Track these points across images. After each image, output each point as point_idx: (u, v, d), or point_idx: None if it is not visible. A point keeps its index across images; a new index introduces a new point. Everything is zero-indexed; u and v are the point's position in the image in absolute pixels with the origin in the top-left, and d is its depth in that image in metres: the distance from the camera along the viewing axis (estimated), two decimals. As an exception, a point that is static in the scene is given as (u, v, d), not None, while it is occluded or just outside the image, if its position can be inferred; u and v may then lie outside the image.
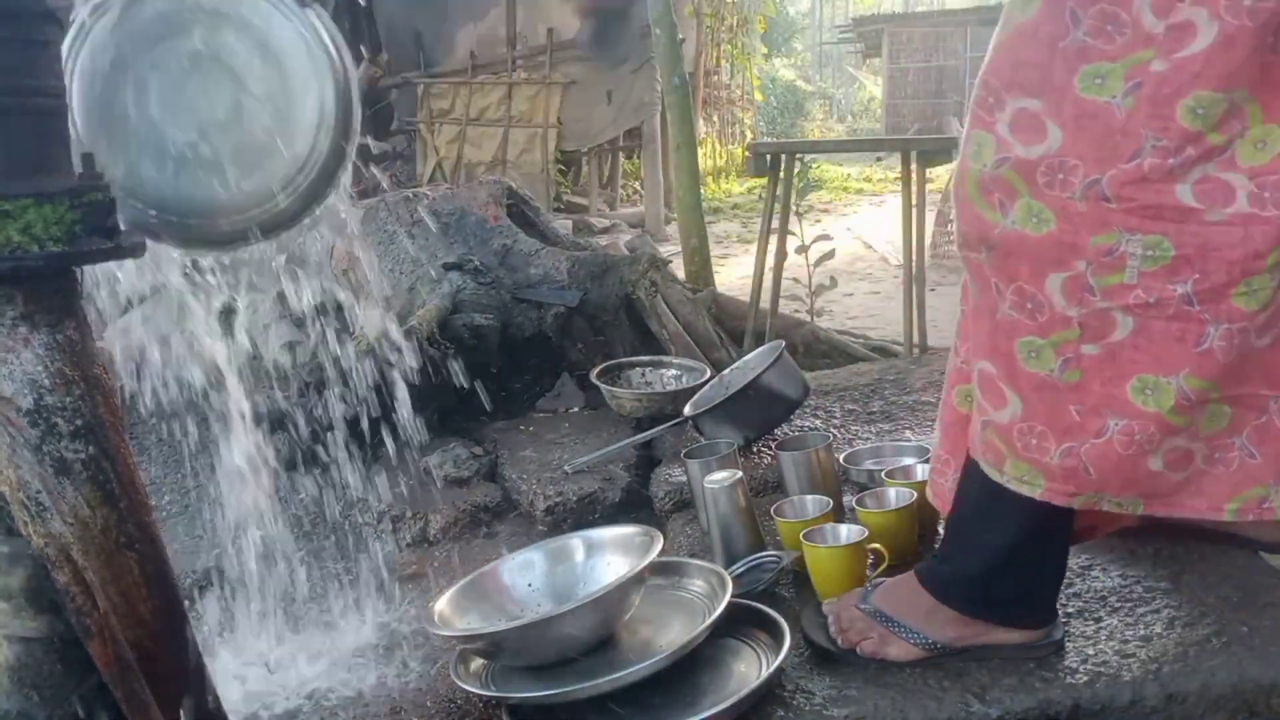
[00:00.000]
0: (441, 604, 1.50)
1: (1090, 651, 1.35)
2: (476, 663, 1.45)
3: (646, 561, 1.43)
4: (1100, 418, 1.20)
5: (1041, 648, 1.36)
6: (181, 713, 1.15)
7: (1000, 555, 1.32)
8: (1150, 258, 1.14)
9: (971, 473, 1.33)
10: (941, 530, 1.75)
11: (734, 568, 1.62)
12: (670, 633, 1.44)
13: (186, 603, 1.34)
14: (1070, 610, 1.46)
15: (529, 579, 1.60)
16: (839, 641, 1.38)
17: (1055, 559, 1.37)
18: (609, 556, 1.59)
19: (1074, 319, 1.19)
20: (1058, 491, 1.24)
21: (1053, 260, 1.17)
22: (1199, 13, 1.07)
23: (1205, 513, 1.26)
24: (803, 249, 3.85)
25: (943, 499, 1.47)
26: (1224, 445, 1.23)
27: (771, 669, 1.31)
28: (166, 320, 4.29)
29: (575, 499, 2.16)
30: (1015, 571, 1.33)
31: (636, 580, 1.42)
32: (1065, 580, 1.52)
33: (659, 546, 1.47)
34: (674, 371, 2.75)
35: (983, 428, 1.28)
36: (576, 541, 1.64)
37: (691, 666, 1.40)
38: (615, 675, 1.31)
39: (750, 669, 1.36)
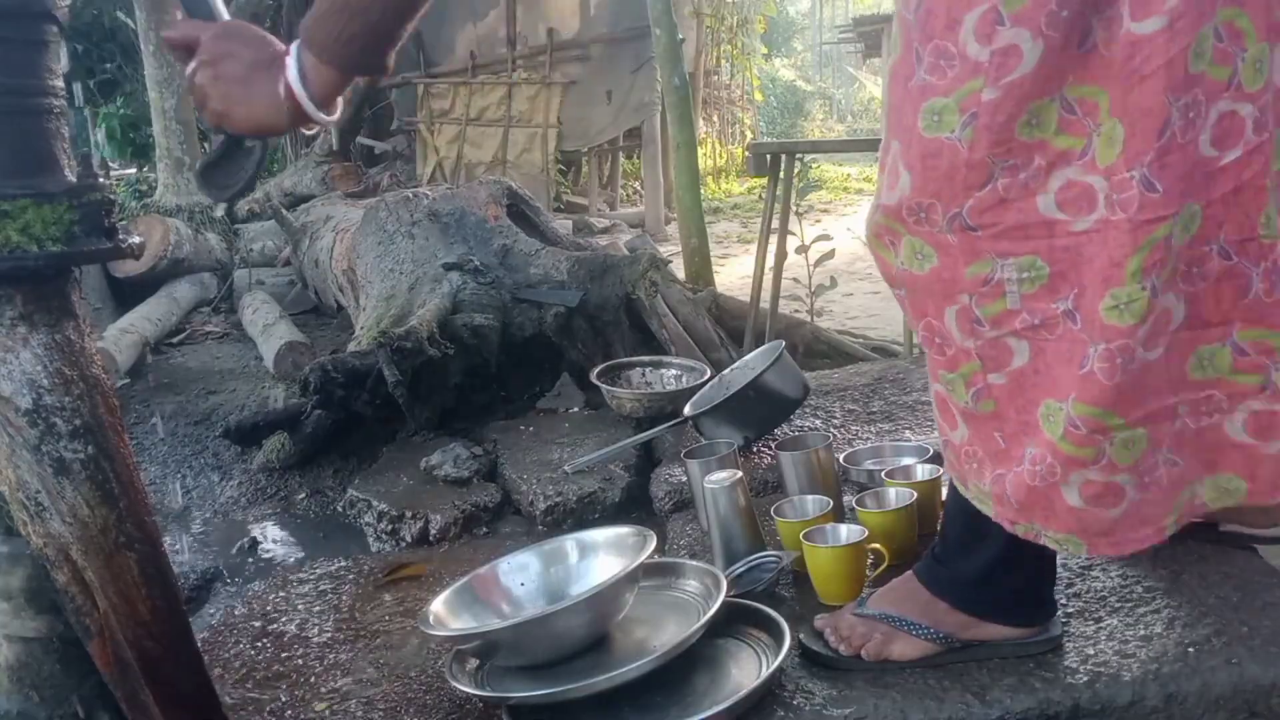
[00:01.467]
0: (436, 605, 1.51)
1: (1090, 651, 1.35)
2: (472, 663, 1.45)
3: (639, 561, 1.43)
4: (1020, 445, 1.19)
5: (1039, 644, 1.36)
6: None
7: (992, 558, 1.32)
8: (1027, 279, 1.12)
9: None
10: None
11: (734, 568, 1.62)
12: (665, 633, 1.44)
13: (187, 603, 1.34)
14: (1070, 610, 1.46)
15: (523, 580, 1.60)
16: (841, 650, 1.38)
17: (1047, 559, 1.36)
18: (603, 557, 1.59)
19: (972, 351, 1.18)
20: (1001, 516, 1.23)
21: (941, 295, 1.17)
22: (1021, 34, 1.04)
23: (1151, 539, 1.22)
24: (803, 249, 3.85)
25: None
26: (1150, 467, 1.19)
27: (771, 669, 1.31)
28: (166, 320, 4.27)
29: (575, 499, 2.16)
30: (1009, 573, 1.33)
31: (629, 579, 1.42)
32: (1065, 580, 1.53)
33: (651, 546, 1.47)
34: (674, 371, 2.75)
35: (944, 447, 1.29)
36: (570, 543, 1.64)
37: (690, 667, 1.40)
38: (610, 674, 1.31)
39: (750, 669, 1.36)
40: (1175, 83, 1.04)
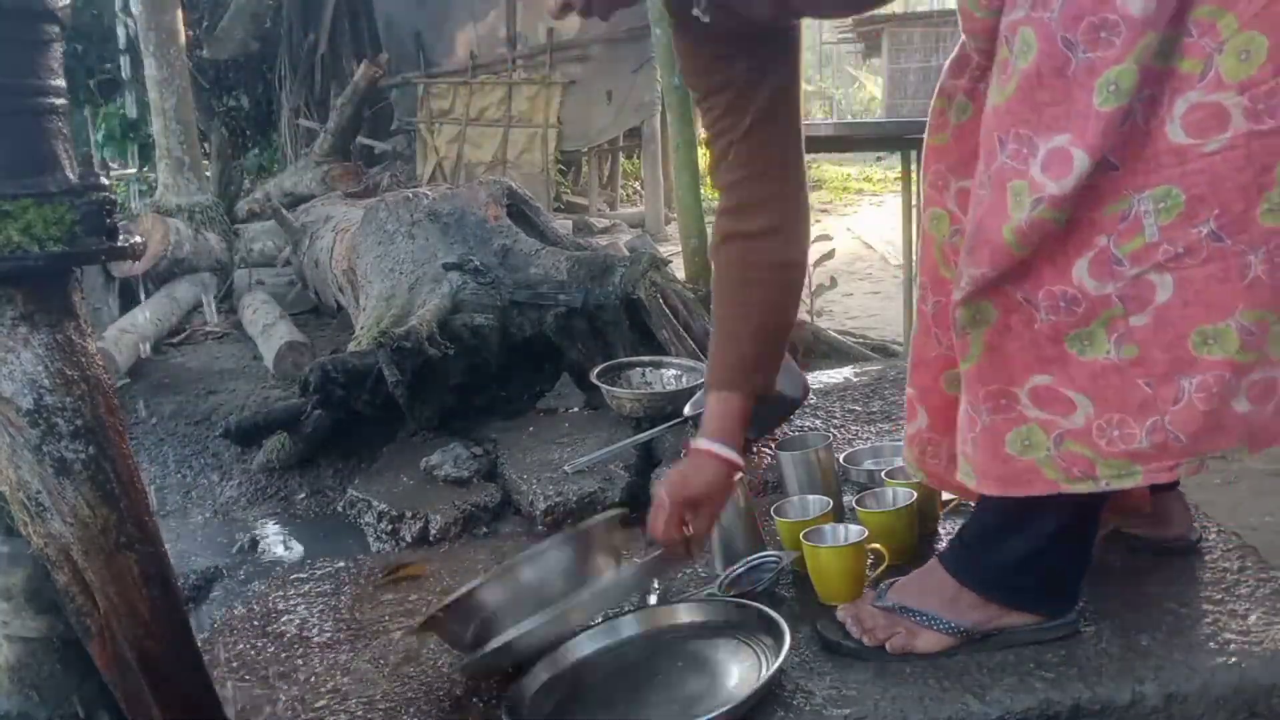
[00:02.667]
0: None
1: (1090, 651, 1.35)
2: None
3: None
4: (1172, 383, 1.17)
5: (1055, 628, 1.36)
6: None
7: (1031, 544, 1.32)
8: (1164, 209, 1.12)
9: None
10: (941, 529, 1.75)
11: (734, 568, 1.63)
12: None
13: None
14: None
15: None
16: (865, 641, 1.38)
17: (1082, 551, 1.37)
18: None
19: (1112, 295, 1.16)
20: (1157, 470, 1.21)
21: (1075, 246, 1.16)
22: None
23: None
24: (803, 249, 3.84)
25: (938, 479, 1.47)
26: None
27: (771, 671, 1.31)
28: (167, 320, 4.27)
29: (575, 499, 2.16)
30: (1045, 559, 1.34)
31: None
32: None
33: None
34: (674, 371, 2.75)
35: (1058, 444, 1.24)
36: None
37: (691, 668, 1.40)
38: None
39: (750, 670, 1.36)
40: None
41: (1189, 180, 1.11)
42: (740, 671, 1.37)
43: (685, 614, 1.53)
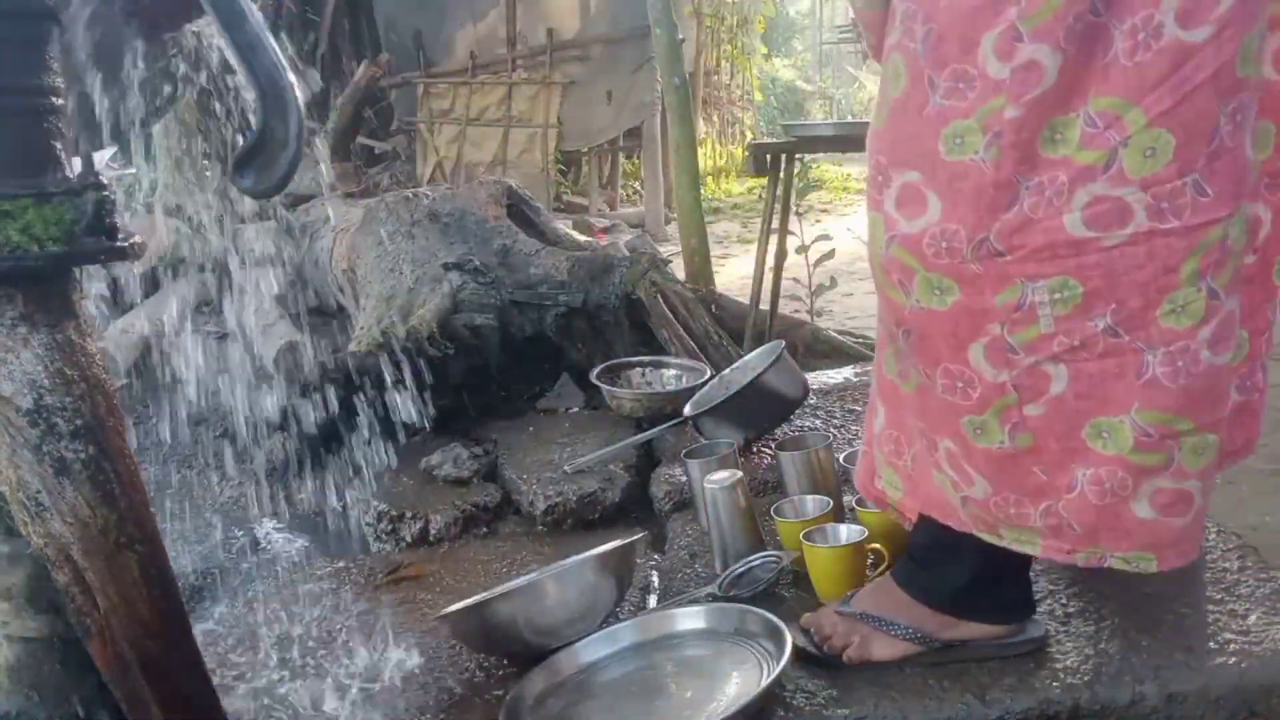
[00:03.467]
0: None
1: (1090, 651, 1.35)
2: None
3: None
4: (1067, 472, 1.17)
5: (1021, 643, 1.35)
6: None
7: (970, 564, 1.31)
8: (1060, 300, 1.10)
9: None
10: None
11: (734, 568, 1.63)
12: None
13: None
14: (1071, 610, 1.46)
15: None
16: (824, 649, 1.38)
17: (1025, 560, 1.35)
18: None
19: (1007, 383, 1.15)
20: (1055, 549, 1.21)
21: (967, 330, 1.15)
22: (1041, 49, 1.04)
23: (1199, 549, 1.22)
24: (803, 249, 3.84)
25: (904, 476, 1.39)
26: (1212, 473, 1.18)
27: (772, 677, 1.30)
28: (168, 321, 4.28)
29: (575, 499, 2.15)
30: (987, 576, 1.32)
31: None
32: (1067, 580, 1.53)
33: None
34: (674, 371, 2.75)
35: (963, 504, 1.25)
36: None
37: (692, 675, 1.40)
38: None
39: (751, 675, 1.36)
40: (1224, 88, 1.04)
41: (1086, 273, 1.09)
42: (741, 678, 1.36)
43: (685, 620, 1.52)
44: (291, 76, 1.11)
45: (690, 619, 1.52)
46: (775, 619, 1.42)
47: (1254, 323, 1.29)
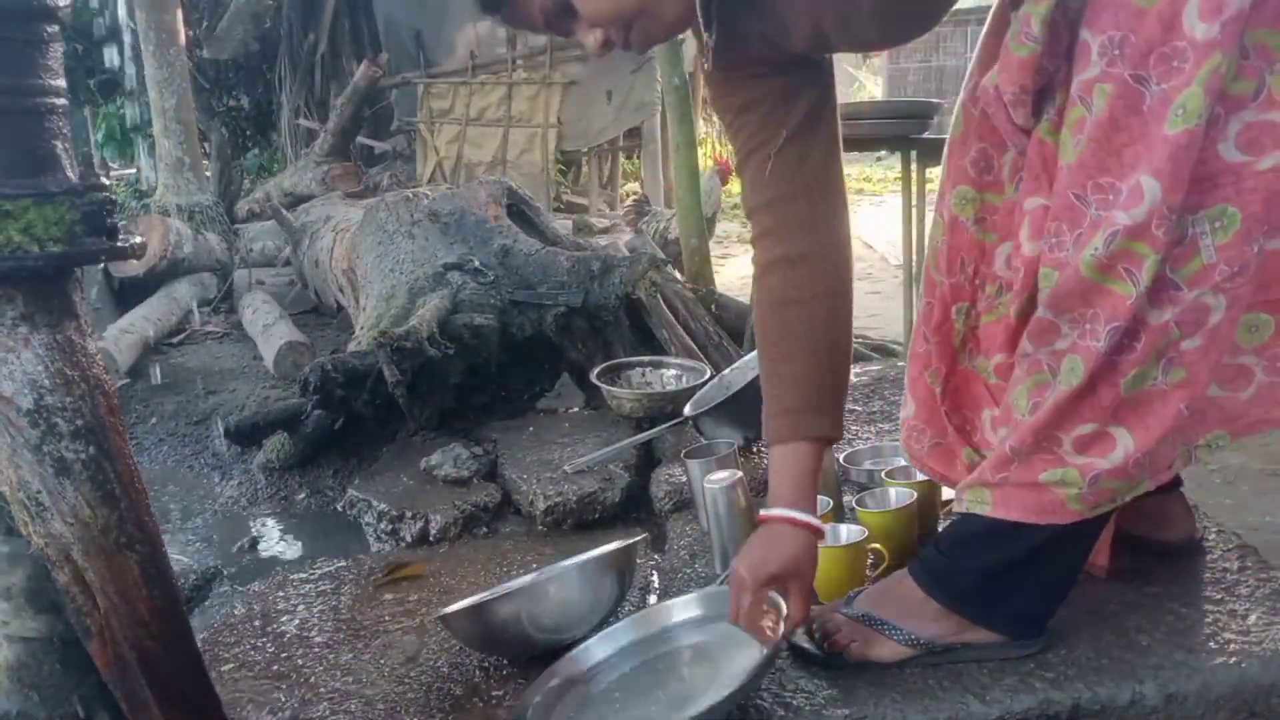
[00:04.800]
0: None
1: (1090, 651, 1.35)
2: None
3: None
4: (1202, 401, 1.22)
5: (1014, 647, 1.34)
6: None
7: (1009, 561, 1.31)
8: (1220, 229, 1.12)
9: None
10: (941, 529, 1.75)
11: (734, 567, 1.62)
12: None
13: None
14: (1071, 610, 1.46)
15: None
16: (825, 646, 1.38)
17: (1062, 579, 1.35)
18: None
19: (1170, 322, 1.16)
20: (1162, 474, 1.25)
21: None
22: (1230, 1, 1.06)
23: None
24: (803, 249, 3.84)
25: (920, 462, 1.51)
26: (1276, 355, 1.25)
27: (766, 655, 1.27)
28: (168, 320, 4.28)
29: (575, 499, 2.16)
30: (1021, 579, 1.32)
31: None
32: (1065, 580, 1.53)
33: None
34: (674, 371, 2.75)
35: (1092, 483, 1.23)
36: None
37: (697, 657, 1.41)
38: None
39: (753, 649, 1.33)
40: None
41: (1245, 199, 1.11)
42: (742, 654, 1.35)
43: (680, 610, 1.52)
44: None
45: (686, 608, 1.52)
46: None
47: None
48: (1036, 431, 1.25)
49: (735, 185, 12.02)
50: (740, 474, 1.71)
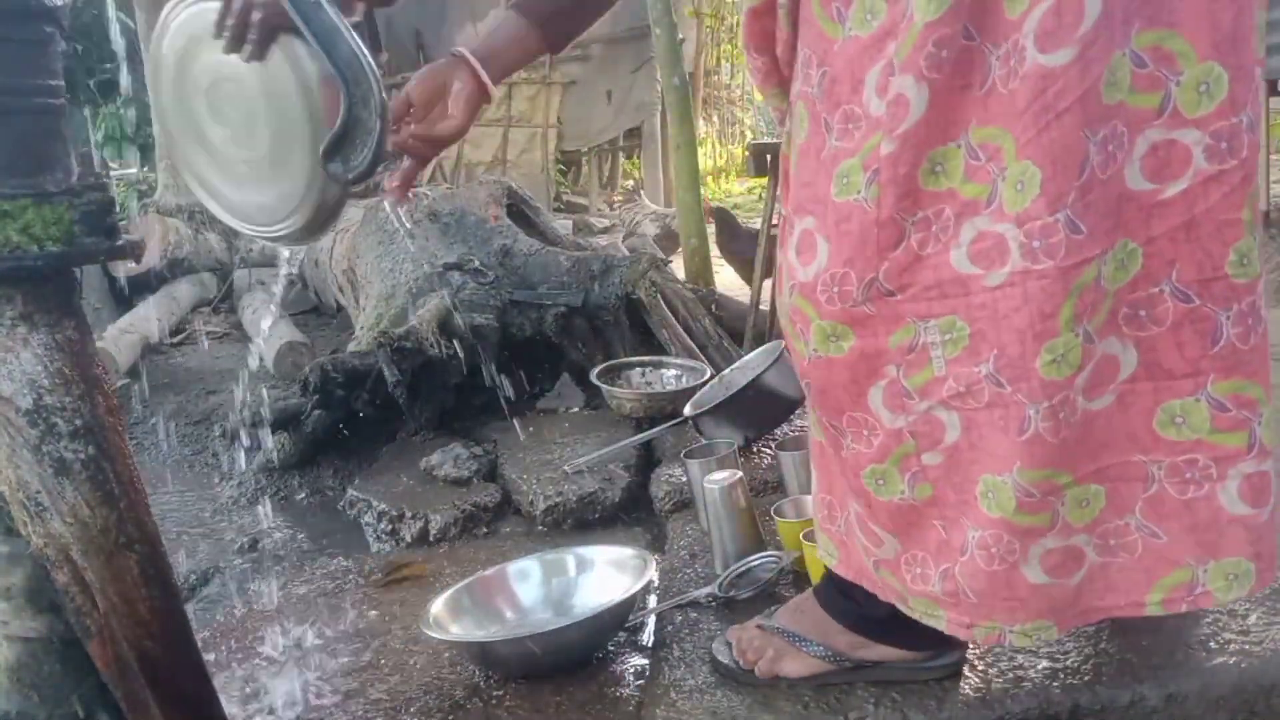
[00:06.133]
0: (437, 607, 1.57)
1: (1090, 651, 1.35)
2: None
3: (641, 584, 1.52)
4: (961, 530, 1.12)
5: (935, 669, 1.31)
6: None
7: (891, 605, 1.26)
8: (950, 341, 1.05)
9: None
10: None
11: (734, 567, 1.63)
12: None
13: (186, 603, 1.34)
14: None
15: (524, 587, 1.67)
16: (740, 663, 1.37)
17: None
18: (603, 573, 1.65)
19: (904, 430, 1.10)
20: (955, 623, 1.16)
21: (865, 375, 1.10)
22: (905, 81, 1.00)
23: (1126, 610, 1.16)
24: (803, 249, 3.84)
25: (838, 543, 1.32)
26: (1116, 530, 1.13)
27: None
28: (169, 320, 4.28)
29: (575, 499, 2.16)
30: (885, 609, 1.27)
31: (628, 603, 1.50)
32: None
33: (653, 570, 1.57)
34: (674, 371, 2.75)
35: (876, 568, 1.22)
36: (570, 557, 1.70)
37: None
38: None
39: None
40: (1091, 116, 0.98)
41: (973, 313, 1.04)
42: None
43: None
44: (370, 61, 1.12)
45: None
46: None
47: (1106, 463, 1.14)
48: (836, 472, 1.25)
49: (734, 185, 12.03)
50: (740, 474, 1.71)
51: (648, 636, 1.56)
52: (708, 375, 2.56)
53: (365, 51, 1.14)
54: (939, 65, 0.99)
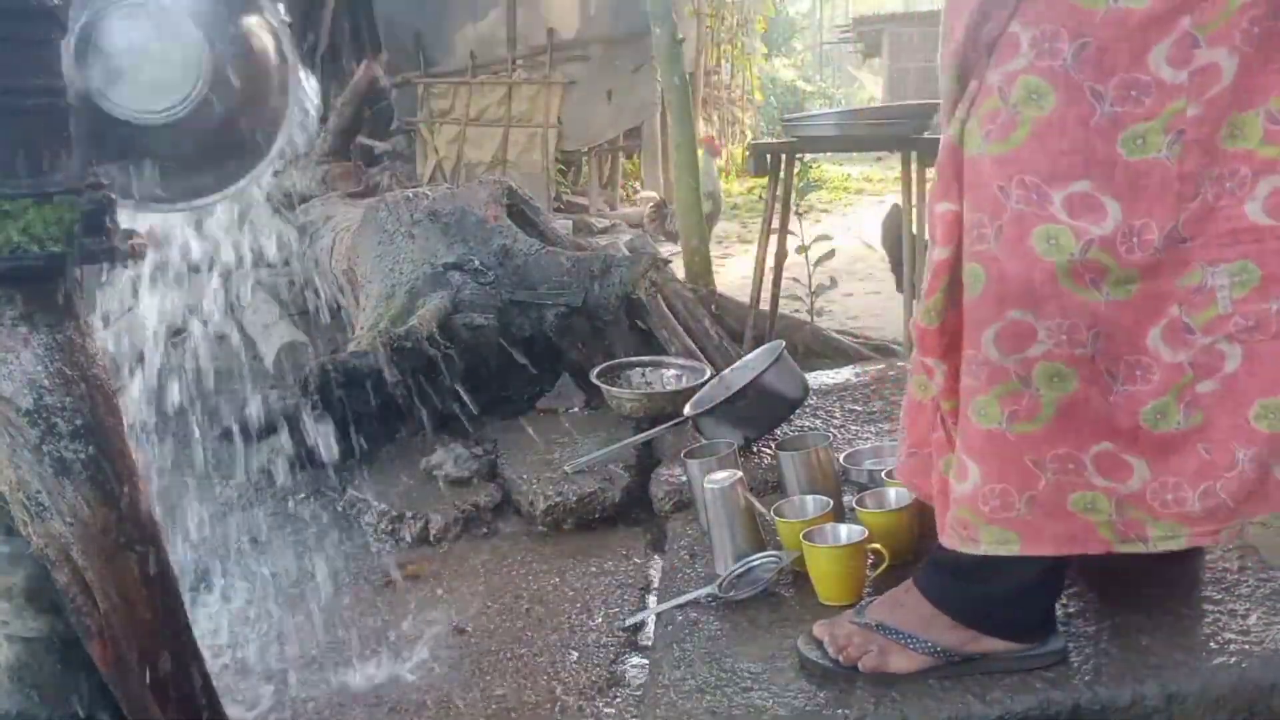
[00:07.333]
0: None
1: (1090, 651, 1.35)
2: None
3: None
4: (1228, 451, 1.20)
5: (1041, 656, 1.33)
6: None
7: (1011, 586, 1.31)
8: (1239, 283, 1.17)
9: None
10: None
11: (734, 568, 1.63)
12: None
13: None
14: (1070, 610, 1.46)
15: None
16: (840, 660, 1.36)
17: (1057, 578, 1.36)
18: None
19: (1184, 363, 1.19)
20: (1203, 534, 1.24)
21: (1148, 314, 1.19)
22: (1218, 52, 1.12)
23: None
24: (803, 249, 3.84)
25: (900, 473, 1.45)
26: None
27: None
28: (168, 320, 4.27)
29: (575, 499, 2.16)
30: (1018, 591, 1.32)
31: None
32: (1067, 581, 1.53)
33: None
34: (674, 371, 2.74)
35: (1120, 509, 1.24)
36: None
37: None
38: None
39: None
40: None
41: (1266, 258, 1.16)
42: None
43: None
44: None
45: None
46: None
47: None
48: (1049, 438, 1.24)
49: (734, 185, 12.03)
50: (740, 474, 1.71)
51: (648, 636, 1.56)
52: (708, 375, 2.56)
53: None
54: (1251, 40, 1.12)
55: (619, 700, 1.46)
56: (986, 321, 1.23)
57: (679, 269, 4.07)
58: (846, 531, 1.60)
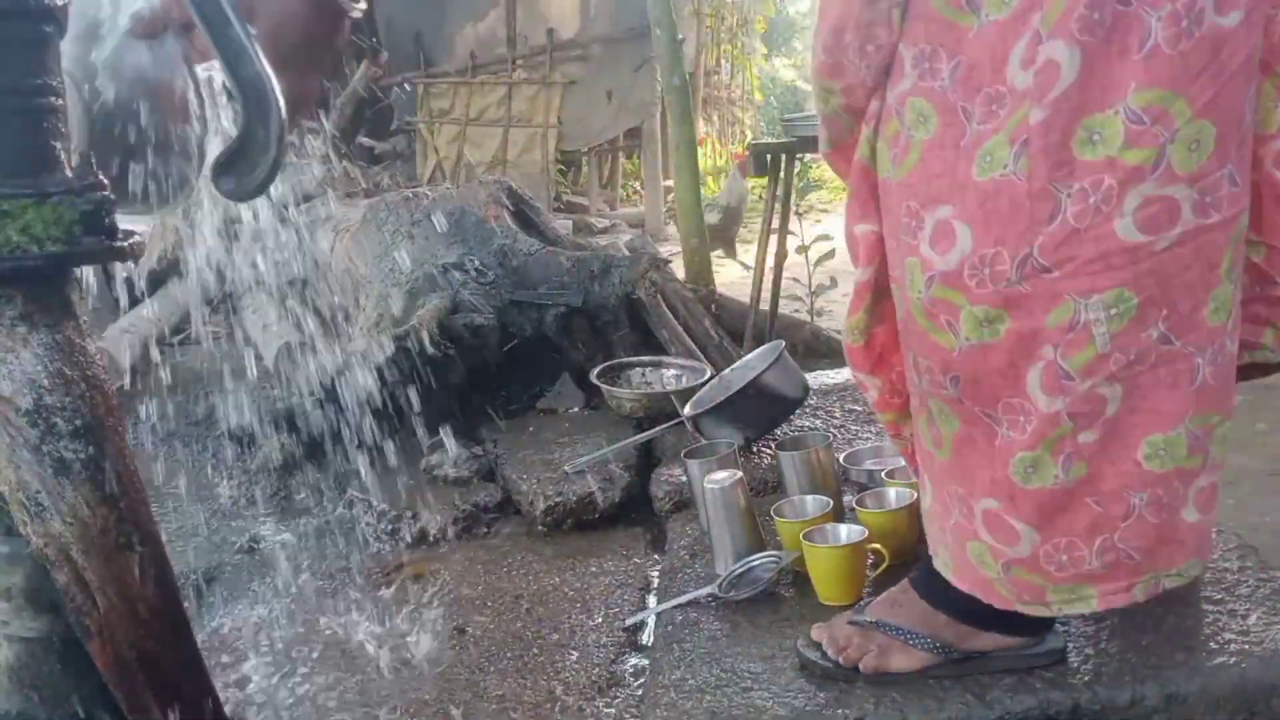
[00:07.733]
0: None
1: (1090, 651, 1.35)
2: None
3: None
4: (1122, 500, 1.13)
5: (1041, 655, 1.33)
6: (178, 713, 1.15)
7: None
8: (1116, 316, 1.05)
9: None
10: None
11: (734, 568, 1.63)
12: None
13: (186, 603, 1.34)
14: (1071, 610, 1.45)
15: None
16: (840, 661, 1.35)
17: None
18: None
19: (1061, 412, 1.09)
20: (1112, 592, 1.17)
21: (1022, 357, 1.09)
22: (1056, 46, 1.01)
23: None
24: (803, 249, 3.85)
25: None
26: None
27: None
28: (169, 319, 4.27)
29: (575, 499, 2.15)
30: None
31: None
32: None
33: None
34: (674, 371, 2.74)
35: (1006, 570, 1.20)
36: None
37: None
38: None
39: None
40: (1249, 74, 1.04)
41: (1141, 281, 1.04)
42: None
43: None
44: (274, 82, 1.11)
45: None
46: None
47: None
48: (949, 474, 1.22)
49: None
50: (740, 474, 1.71)
51: (648, 636, 1.56)
52: (708, 375, 2.56)
53: (270, 74, 1.12)
54: (1091, 28, 1.00)
55: (619, 700, 1.46)
56: (905, 346, 1.22)
57: (679, 269, 4.07)
58: (846, 531, 1.60)
